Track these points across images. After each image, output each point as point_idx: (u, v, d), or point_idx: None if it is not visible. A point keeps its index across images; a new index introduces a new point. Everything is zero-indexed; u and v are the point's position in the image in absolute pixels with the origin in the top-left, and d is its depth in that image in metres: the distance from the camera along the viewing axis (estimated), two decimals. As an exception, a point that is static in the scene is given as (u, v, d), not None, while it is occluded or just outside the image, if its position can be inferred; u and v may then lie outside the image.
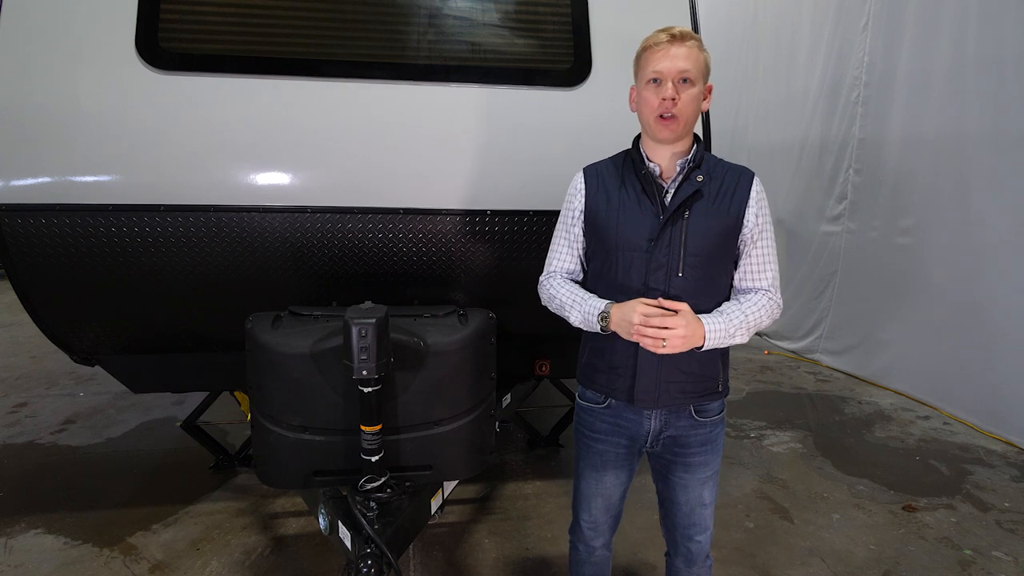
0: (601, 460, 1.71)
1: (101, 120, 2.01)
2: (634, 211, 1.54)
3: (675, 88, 1.45)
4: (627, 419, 1.65)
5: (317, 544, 2.70)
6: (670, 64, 1.45)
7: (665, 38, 1.47)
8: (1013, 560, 2.66)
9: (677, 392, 1.59)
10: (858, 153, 4.84)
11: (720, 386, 1.64)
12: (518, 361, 2.72)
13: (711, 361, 1.59)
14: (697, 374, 1.59)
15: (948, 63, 4.04)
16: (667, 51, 1.46)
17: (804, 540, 2.79)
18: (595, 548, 1.82)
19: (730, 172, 1.56)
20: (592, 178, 1.63)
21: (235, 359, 2.19)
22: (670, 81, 1.45)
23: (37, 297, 2.19)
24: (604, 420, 1.68)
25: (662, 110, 1.47)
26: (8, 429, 3.86)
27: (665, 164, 1.55)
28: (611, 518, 1.80)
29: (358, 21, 2.18)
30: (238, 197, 2.10)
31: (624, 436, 1.67)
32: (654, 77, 1.48)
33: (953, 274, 4.10)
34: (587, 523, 1.79)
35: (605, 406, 1.67)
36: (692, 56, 1.46)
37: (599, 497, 1.75)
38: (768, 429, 3.99)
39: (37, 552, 2.62)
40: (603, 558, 1.85)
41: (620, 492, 1.77)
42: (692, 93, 1.47)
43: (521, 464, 3.47)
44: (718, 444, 1.69)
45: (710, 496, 1.71)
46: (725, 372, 1.65)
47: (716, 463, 1.70)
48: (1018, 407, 3.74)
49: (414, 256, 2.26)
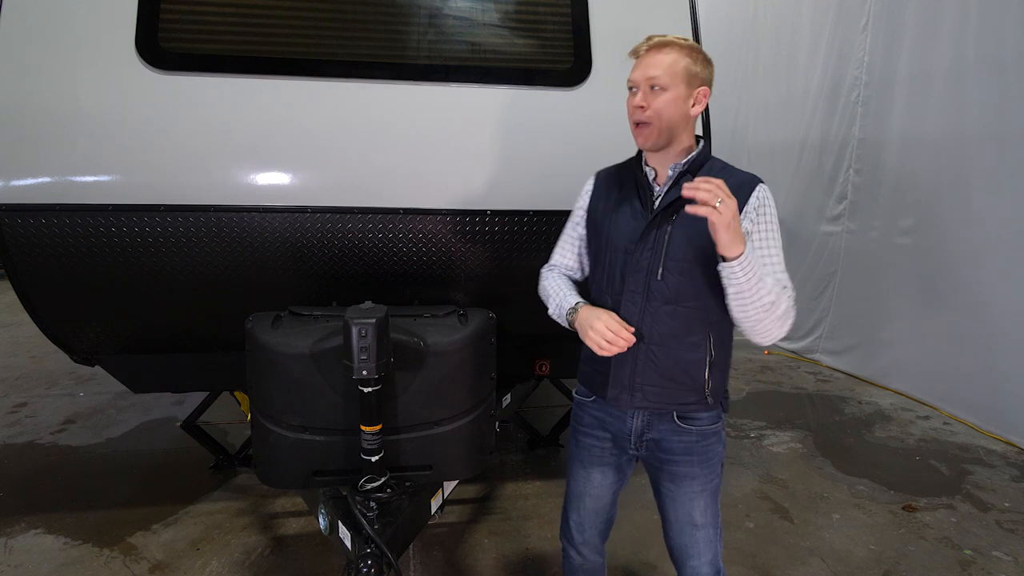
0: (588, 455, 1.72)
1: (101, 120, 2.01)
2: (625, 213, 1.58)
3: (644, 95, 1.47)
4: (611, 415, 1.66)
5: (317, 544, 2.70)
6: (640, 72, 1.48)
7: (644, 48, 1.49)
8: (1013, 560, 2.66)
9: (653, 397, 1.57)
10: (858, 153, 4.84)
11: (708, 397, 1.57)
12: (518, 361, 2.72)
13: (695, 370, 1.55)
14: (677, 382, 1.55)
15: (948, 63, 4.04)
16: (643, 60, 1.49)
17: (804, 540, 2.79)
18: (585, 554, 1.80)
19: (734, 177, 1.49)
20: (600, 180, 1.70)
21: (235, 359, 2.19)
22: (640, 89, 1.48)
23: (37, 297, 2.19)
24: (591, 414, 1.71)
25: (635, 117, 1.49)
26: (8, 429, 3.86)
27: (660, 169, 1.56)
28: (601, 523, 1.78)
29: (358, 21, 2.18)
30: (238, 197, 2.10)
31: (608, 432, 1.68)
32: (630, 86, 1.52)
33: (953, 274, 4.10)
34: (575, 523, 1.78)
35: (592, 400, 1.70)
36: (666, 63, 1.45)
37: (587, 497, 1.74)
38: (768, 429, 3.99)
39: (37, 552, 2.62)
40: (596, 564, 1.83)
41: (609, 495, 1.74)
42: (665, 99, 1.45)
43: (521, 464, 3.47)
44: (709, 459, 1.61)
45: (703, 517, 1.63)
46: (716, 383, 1.57)
47: (707, 479, 1.62)
48: (1018, 407, 3.74)
49: (414, 256, 2.26)
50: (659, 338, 1.53)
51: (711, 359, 1.55)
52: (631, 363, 1.57)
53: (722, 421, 1.65)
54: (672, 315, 1.52)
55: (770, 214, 1.50)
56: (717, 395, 1.60)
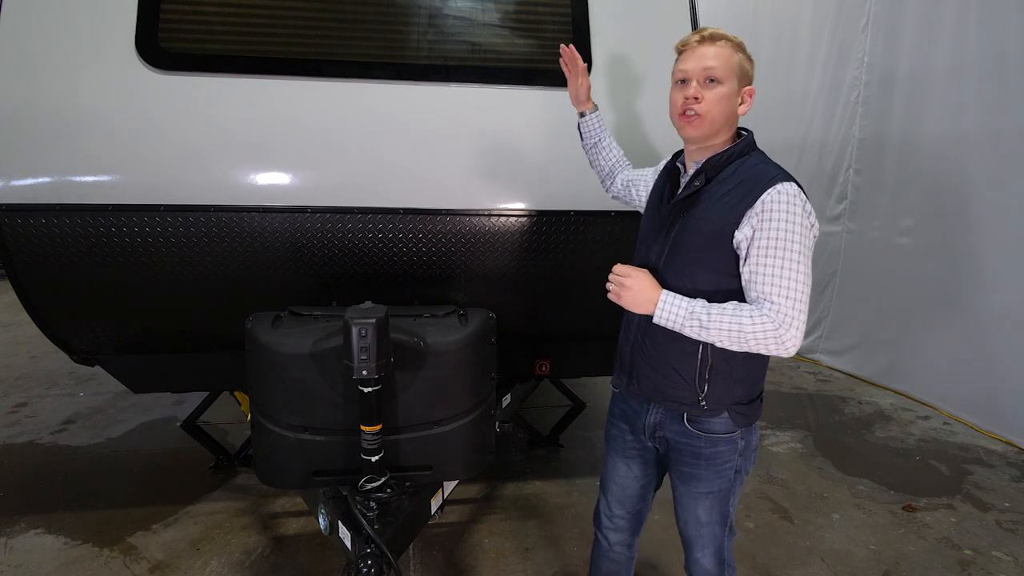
0: (613, 445, 1.78)
1: (101, 120, 2.01)
2: (655, 203, 1.66)
3: (699, 87, 1.44)
4: (631, 407, 1.71)
5: (317, 544, 2.70)
6: (695, 63, 1.45)
7: (696, 39, 1.47)
8: (1013, 560, 2.66)
9: (651, 388, 1.60)
10: (858, 153, 4.84)
11: (703, 402, 1.52)
12: (518, 361, 2.72)
13: (680, 363, 1.53)
14: (672, 376, 1.54)
15: (948, 63, 4.04)
16: (695, 51, 1.47)
17: (804, 540, 2.79)
18: (612, 542, 1.83)
19: (757, 177, 1.43)
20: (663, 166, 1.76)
21: (235, 359, 2.19)
22: (695, 80, 1.45)
23: (37, 297, 2.19)
24: (617, 404, 1.78)
25: (684, 108, 1.47)
26: (8, 429, 3.86)
27: (691, 163, 1.57)
28: (627, 514, 1.80)
29: (358, 21, 2.18)
30: (238, 197, 2.10)
31: (628, 423, 1.72)
32: (681, 77, 1.49)
33: (953, 274, 4.10)
34: (603, 508, 1.84)
35: (619, 392, 1.76)
36: (721, 56, 1.44)
37: (613, 484, 1.79)
38: (768, 429, 3.99)
39: (37, 552, 2.62)
40: (623, 557, 1.85)
41: (636, 487, 1.77)
42: (718, 92, 1.44)
43: (521, 464, 3.47)
44: (719, 465, 1.57)
45: (707, 515, 1.63)
46: (714, 389, 1.52)
47: (715, 483, 1.59)
48: (1018, 407, 3.74)
49: (414, 256, 2.26)
50: (651, 328, 1.54)
51: (709, 365, 1.51)
52: (629, 348, 1.65)
53: (741, 432, 1.57)
54: None
55: (777, 219, 1.37)
56: (719, 403, 1.53)
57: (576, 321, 2.54)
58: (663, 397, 1.59)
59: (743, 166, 1.47)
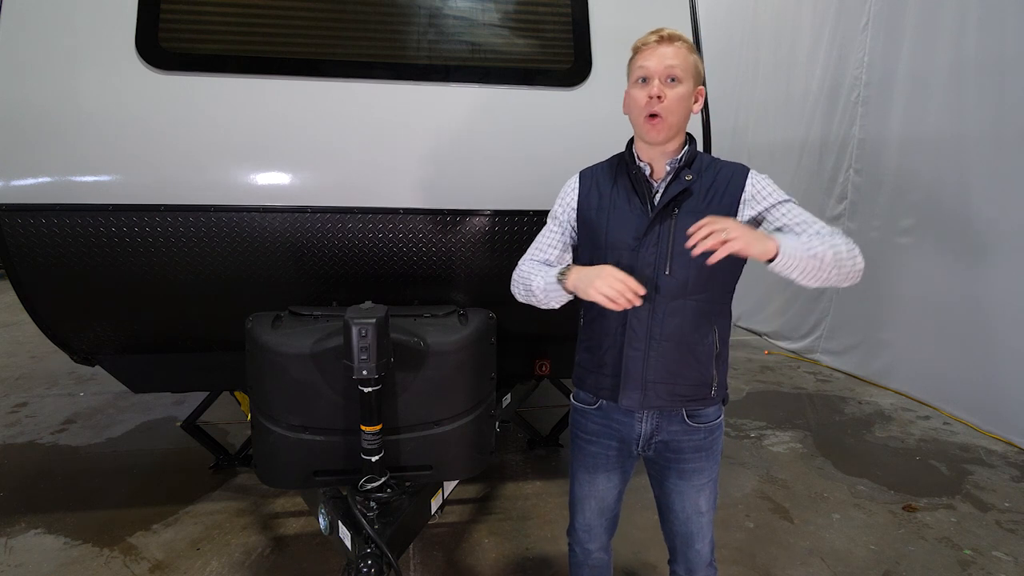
0: (593, 462, 1.71)
1: (101, 120, 2.01)
2: (624, 210, 1.55)
3: (661, 86, 1.46)
4: (618, 421, 1.65)
5: (317, 544, 2.70)
6: (657, 62, 1.46)
7: (654, 38, 1.49)
8: (1013, 560, 2.66)
9: (664, 394, 1.57)
10: (858, 153, 4.84)
11: (713, 391, 1.59)
12: (518, 361, 2.72)
13: (703, 363, 1.56)
14: (686, 376, 1.56)
15: (948, 63, 4.04)
16: (655, 50, 1.48)
17: (804, 540, 2.79)
18: (591, 551, 1.81)
19: (724, 169, 1.54)
20: (587, 179, 1.66)
21: (235, 359, 2.19)
22: (656, 79, 1.46)
23: (37, 297, 2.19)
24: (595, 421, 1.69)
25: (649, 109, 1.47)
26: (8, 429, 3.86)
27: (656, 164, 1.56)
28: (606, 521, 1.78)
29: (358, 21, 2.18)
30: (238, 197, 2.10)
31: (615, 438, 1.67)
32: (642, 76, 1.49)
33: (953, 274, 4.10)
34: (581, 526, 1.79)
35: (596, 407, 1.68)
36: (680, 55, 1.46)
37: (592, 499, 1.75)
38: (768, 429, 3.99)
39: (37, 552, 2.62)
40: (601, 561, 1.84)
41: (614, 495, 1.75)
42: (679, 92, 1.46)
43: (521, 464, 3.47)
44: (714, 451, 1.65)
45: (707, 504, 1.67)
46: (721, 377, 1.60)
47: (713, 470, 1.66)
48: (1018, 407, 3.74)
49: (414, 256, 2.26)
50: (669, 333, 1.53)
51: (716, 352, 1.58)
52: (642, 360, 1.55)
53: (723, 413, 1.68)
54: (681, 309, 1.52)
55: (770, 188, 1.53)
56: (723, 387, 1.62)
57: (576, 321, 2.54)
58: (670, 397, 1.57)
59: (703, 163, 1.56)
